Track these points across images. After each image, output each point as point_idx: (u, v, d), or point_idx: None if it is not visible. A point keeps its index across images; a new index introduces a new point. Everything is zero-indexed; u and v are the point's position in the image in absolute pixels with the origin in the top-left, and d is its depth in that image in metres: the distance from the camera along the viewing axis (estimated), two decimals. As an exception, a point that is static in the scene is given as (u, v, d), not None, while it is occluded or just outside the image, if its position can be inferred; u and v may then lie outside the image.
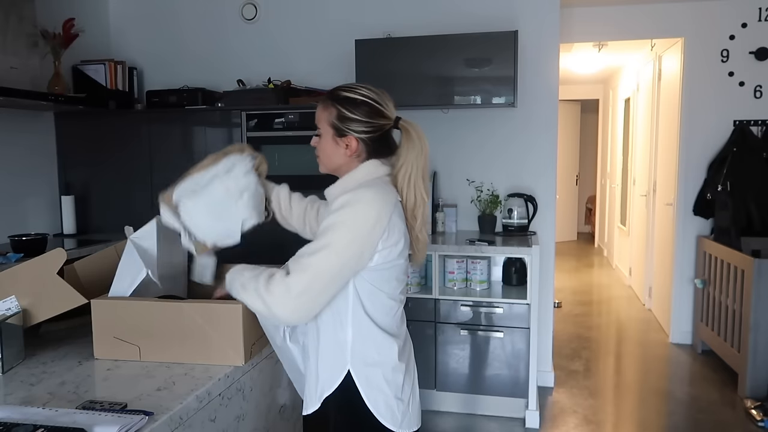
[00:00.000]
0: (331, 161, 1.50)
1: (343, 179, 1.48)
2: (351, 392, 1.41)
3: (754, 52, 4.24)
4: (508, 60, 3.28)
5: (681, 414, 3.48)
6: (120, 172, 3.68)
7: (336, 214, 1.36)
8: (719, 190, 4.18)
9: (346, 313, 1.40)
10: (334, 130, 1.47)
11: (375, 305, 1.42)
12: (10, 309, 1.49)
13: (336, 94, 1.48)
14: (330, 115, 1.47)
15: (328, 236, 1.34)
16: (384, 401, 1.41)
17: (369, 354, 1.42)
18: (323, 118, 1.49)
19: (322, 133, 1.50)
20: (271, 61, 3.92)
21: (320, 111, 1.50)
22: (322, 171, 1.54)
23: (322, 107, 1.49)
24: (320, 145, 1.51)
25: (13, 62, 3.19)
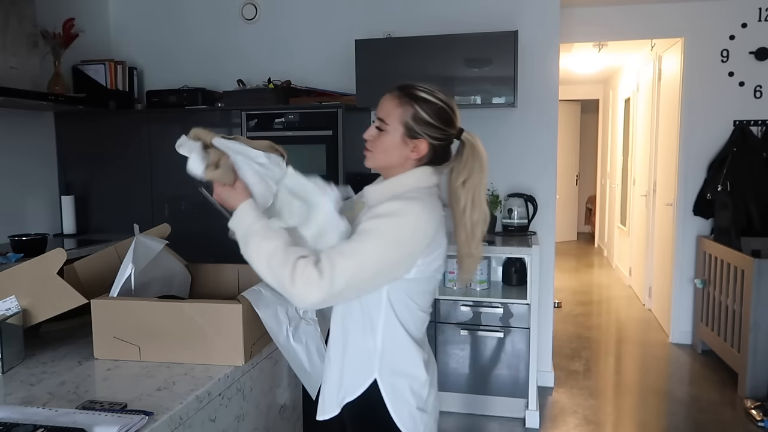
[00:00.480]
0: (387, 159, 1.42)
1: (390, 181, 1.42)
2: (374, 400, 1.38)
3: (754, 52, 4.24)
4: (508, 60, 3.28)
5: (681, 414, 3.48)
6: (120, 172, 3.68)
7: (381, 220, 1.31)
8: (719, 190, 4.18)
9: (377, 320, 1.38)
10: (405, 130, 1.39)
11: (406, 315, 1.39)
12: (10, 309, 1.49)
13: (414, 93, 1.40)
14: (405, 113, 1.39)
15: (370, 240, 1.29)
16: (408, 412, 1.39)
17: (398, 363, 1.39)
18: (395, 115, 1.40)
19: (389, 130, 1.40)
20: (271, 61, 3.92)
21: (392, 106, 1.40)
22: (370, 165, 1.45)
23: (396, 103, 1.40)
24: (379, 140, 1.41)
25: (13, 62, 3.19)
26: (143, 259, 1.62)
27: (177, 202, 3.62)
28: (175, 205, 3.62)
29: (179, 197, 3.62)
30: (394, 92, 1.42)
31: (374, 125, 1.43)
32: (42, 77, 3.36)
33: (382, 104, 1.43)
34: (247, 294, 1.50)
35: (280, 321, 1.54)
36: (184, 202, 3.62)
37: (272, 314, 1.52)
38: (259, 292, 1.53)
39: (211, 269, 1.92)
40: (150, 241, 1.68)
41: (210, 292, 1.89)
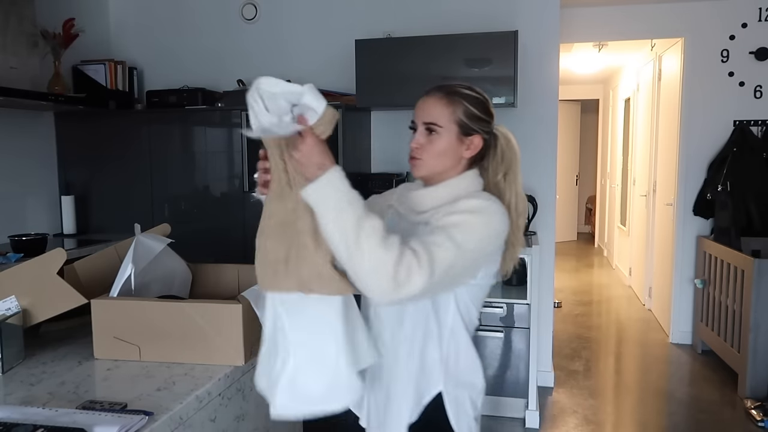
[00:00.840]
0: (441, 163, 1.35)
1: (445, 186, 1.36)
2: (437, 415, 1.31)
3: (754, 52, 4.24)
4: (508, 60, 3.28)
5: (681, 414, 3.48)
6: (120, 172, 3.68)
7: (469, 216, 1.24)
8: (719, 190, 4.18)
9: (445, 326, 1.32)
10: (459, 128, 1.34)
11: (468, 321, 1.35)
12: (10, 309, 1.49)
13: (458, 91, 1.36)
14: (456, 111, 1.34)
15: (462, 233, 1.20)
16: (467, 424, 1.34)
17: (461, 372, 1.34)
18: (446, 115, 1.33)
19: (442, 132, 1.33)
20: (271, 61, 3.92)
21: (440, 107, 1.34)
22: (420, 174, 1.37)
23: (443, 103, 1.34)
24: (432, 145, 1.34)
25: (13, 62, 3.19)
26: (143, 259, 1.62)
27: (177, 202, 3.63)
28: (175, 205, 3.63)
29: (179, 197, 3.62)
30: (436, 94, 1.36)
31: (421, 131, 1.35)
32: (42, 77, 3.36)
33: (426, 108, 1.35)
34: (247, 294, 1.50)
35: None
36: (184, 202, 3.62)
37: (272, 314, 1.52)
38: (259, 291, 1.53)
39: (211, 269, 1.92)
40: (151, 241, 1.68)
41: (210, 292, 1.89)
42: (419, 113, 1.36)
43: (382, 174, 3.64)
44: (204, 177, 3.58)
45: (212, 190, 3.58)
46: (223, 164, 3.54)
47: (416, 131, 1.37)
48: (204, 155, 3.58)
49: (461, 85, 1.38)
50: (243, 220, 3.49)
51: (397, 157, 3.81)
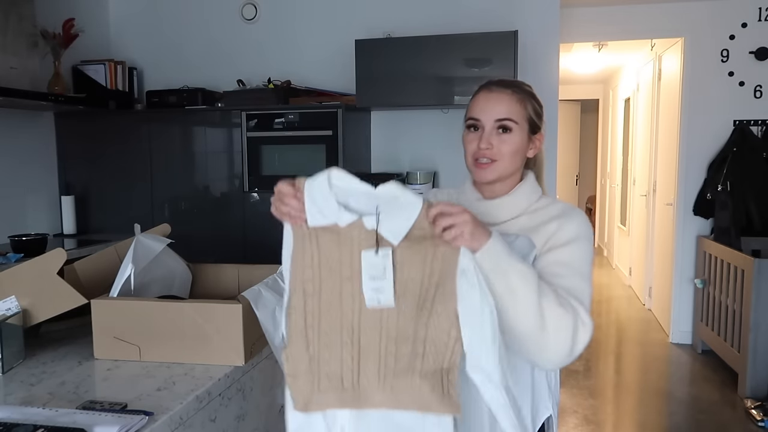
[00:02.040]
0: (514, 163, 1.28)
1: (521, 191, 1.30)
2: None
3: (754, 51, 4.24)
4: (508, 60, 3.27)
5: (681, 414, 3.48)
6: (120, 172, 3.68)
7: (582, 243, 1.20)
8: (719, 189, 4.18)
9: None
10: (529, 126, 1.28)
11: None
12: (10, 309, 1.49)
13: (521, 86, 1.30)
14: (527, 108, 1.27)
15: (584, 268, 1.18)
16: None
17: (557, 393, 1.31)
18: (517, 111, 1.26)
19: (518, 129, 1.26)
20: (271, 61, 3.92)
21: (512, 103, 1.25)
22: (493, 177, 1.27)
23: (515, 99, 1.26)
24: (507, 144, 1.25)
25: (13, 62, 3.19)
26: (143, 259, 1.62)
27: (177, 202, 3.63)
28: (175, 205, 3.63)
29: (179, 197, 3.62)
30: (503, 90, 1.27)
31: (491, 130, 1.25)
32: (42, 77, 3.36)
33: (498, 104, 1.25)
34: (246, 294, 1.50)
35: (277, 322, 1.54)
36: (184, 202, 3.62)
37: (270, 315, 1.52)
38: (259, 292, 1.53)
39: (211, 269, 1.92)
40: (151, 241, 1.67)
41: (210, 292, 1.89)
42: (487, 110, 1.26)
43: (381, 174, 3.64)
44: (204, 177, 3.58)
45: (212, 190, 3.58)
46: (223, 164, 3.54)
47: (477, 130, 1.27)
48: (204, 155, 3.58)
49: (515, 81, 1.33)
50: (243, 220, 3.49)
51: (396, 157, 3.81)
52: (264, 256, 1.80)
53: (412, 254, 1.03)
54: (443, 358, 1.01)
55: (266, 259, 1.98)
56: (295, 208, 1.06)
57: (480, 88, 1.31)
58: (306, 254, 1.07)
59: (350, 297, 1.05)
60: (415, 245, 1.03)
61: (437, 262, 1.03)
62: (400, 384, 1.03)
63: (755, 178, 4.12)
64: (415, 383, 1.02)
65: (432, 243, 1.03)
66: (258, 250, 3.39)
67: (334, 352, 1.05)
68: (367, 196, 1.03)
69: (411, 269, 1.03)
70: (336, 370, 1.05)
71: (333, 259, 1.06)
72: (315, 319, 1.06)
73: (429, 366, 1.02)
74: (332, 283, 1.06)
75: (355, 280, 1.05)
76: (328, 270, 1.06)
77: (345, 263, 1.05)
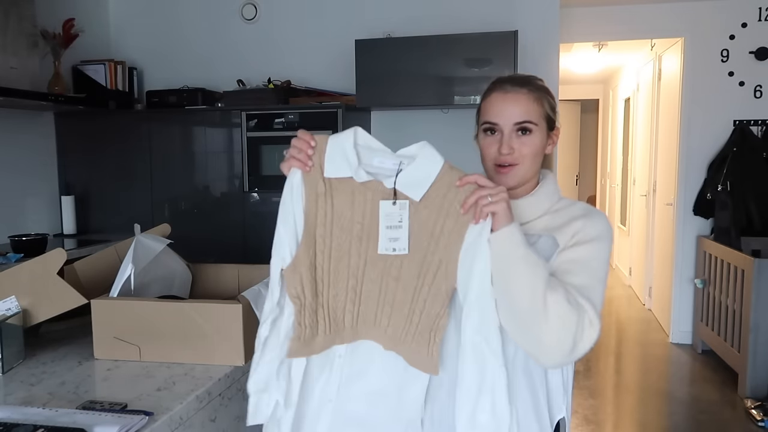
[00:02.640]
0: (535, 165, 1.24)
1: (543, 190, 1.26)
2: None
3: (754, 51, 4.24)
4: (507, 60, 3.28)
5: (681, 414, 3.48)
6: (120, 172, 3.68)
7: (602, 244, 1.18)
8: (719, 189, 4.18)
9: None
10: (546, 123, 1.24)
11: None
12: (10, 309, 1.49)
13: (535, 83, 1.25)
14: (543, 105, 1.23)
15: (600, 269, 1.16)
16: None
17: (570, 396, 1.28)
18: (537, 111, 1.21)
19: (536, 130, 1.21)
20: (271, 61, 3.92)
21: (530, 102, 1.21)
22: (516, 182, 1.23)
23: (531, 98, 1.21)
24: (528, 146, 1.21)
25: (13, 62, 3.19)
26: (143, 259, 1.62)
27: (177, 202, 3.63)
28: (175, 205, 3.63)
29: (179, 197, 3.62)
30: (520, 90, 1.21)
31: (511, 132, 1.21)
32: (42, 77, 3.36)
33: (516, 106, 1.20)
34: (246, 294, 1.50)
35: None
36: (184, 202, 3.62)
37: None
38: (258, 291, 1.53)
39: (211, 269, 1.92)
40: (151, 241, 1.67)
41: (210, 292, 1.89)
42: (505, 113, 1.21)
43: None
44: (204, 177, 3.58)
45: (212, 190, 3.58)
46: (222, 164, 3.54)
47: (494, 133, 1.23)
48: (204, 155, 3.58)
49: (526, 77, 1.27)
50: (243, 220, 3.49)
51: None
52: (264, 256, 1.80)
53: (427, 214, 1.11)
54: (433, 322, 1.12)
55: (266, 259, 1.97)
56: (308, 156, 1.13)
57: (493, 88, 1.25)
58: (319, 211, 1.14)
59: (357, 255, 1.14)
60: (429, 206, 1.11)
61: (445, 235, 1.11)
62: (395, 334, 1.15)
63: (755, 178, 4.12)
64: (407, 340, 1.14)
65: (445, 209, 1.11)
66: (258, 250, 3.39)
67: (338, 300, 1.16)
68: (390, 155, 1.13)
69: (420, 231, 1.12)
70: (339, 316, 1.16)
71: (345, 218, 1.14)
72: (324, 272, 1.15)
73: (421, 328, 1.13)
74: (342, 240, 1.14)
75: (365, 239, 1.14)
76: (340, 228, 1.14)
77: (356, 221, 1.14)
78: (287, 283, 1.14)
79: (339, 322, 1.17)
